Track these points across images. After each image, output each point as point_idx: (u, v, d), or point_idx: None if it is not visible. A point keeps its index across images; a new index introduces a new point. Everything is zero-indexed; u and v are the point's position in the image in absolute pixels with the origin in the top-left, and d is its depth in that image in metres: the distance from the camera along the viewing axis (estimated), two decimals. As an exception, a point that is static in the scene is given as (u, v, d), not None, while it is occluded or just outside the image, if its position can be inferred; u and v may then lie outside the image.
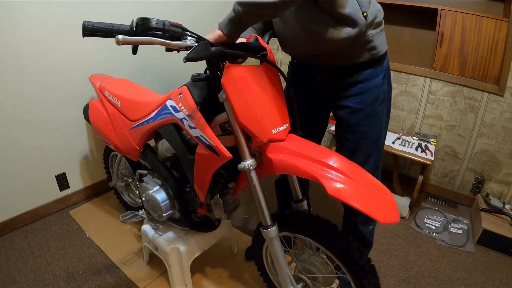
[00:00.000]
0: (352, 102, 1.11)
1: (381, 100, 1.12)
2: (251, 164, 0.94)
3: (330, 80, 1.13)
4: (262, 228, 1.00)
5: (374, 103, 1.11)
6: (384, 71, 1.11)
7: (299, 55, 1.20)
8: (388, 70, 1.14)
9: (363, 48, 1.03)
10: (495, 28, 1.82)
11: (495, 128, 1.95)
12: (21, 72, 1.59)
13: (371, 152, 1.16)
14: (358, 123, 1.13)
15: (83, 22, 0.79)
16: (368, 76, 1.08)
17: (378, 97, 1.11)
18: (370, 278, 0.96)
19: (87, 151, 2.01)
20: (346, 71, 1.09)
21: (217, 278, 1.51)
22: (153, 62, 2.15)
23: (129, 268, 1.54)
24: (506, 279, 1.58)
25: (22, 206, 1.79)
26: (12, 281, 1.44)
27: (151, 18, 0.80)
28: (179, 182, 1.27)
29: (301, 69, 1.23)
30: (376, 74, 1.09)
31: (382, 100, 1.13)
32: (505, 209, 1.88)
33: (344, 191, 0.81)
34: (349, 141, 1.16)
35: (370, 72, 1.08)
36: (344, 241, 0.98)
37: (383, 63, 1.11)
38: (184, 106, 1.03)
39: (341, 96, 1.13)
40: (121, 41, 0.74)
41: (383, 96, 1.12)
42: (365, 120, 1.12)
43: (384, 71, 1.11)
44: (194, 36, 0.88)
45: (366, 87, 1.09)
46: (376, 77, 1.09)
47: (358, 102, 1.10)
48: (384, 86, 1.12)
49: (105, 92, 1.49)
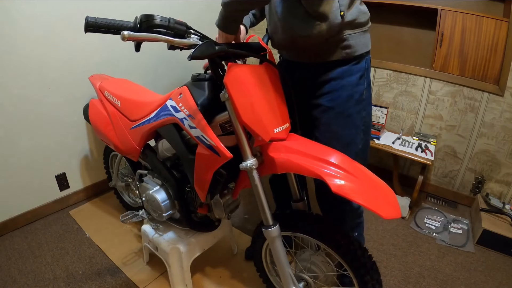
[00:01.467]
0: (324, 100, 1.08)
1: (356, 101, 1.07)
2: (253, 163, 0.94)
3: (308, 78, 1.11)
4: (264, 228, 1.00)
5: (347, 103, 1.06)
6: (362, 71, 1.07)
7: (278, 47, 1.18)
8: (367, 71, 1.09)
9: (337, 46, 1.01)
10: (495, 28, 1.82)
11: (495, 128, 1.96)
12: (21, 72, 1.59)
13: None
14: (329, 122, 1.09)
15: (85, 17, 0.79)
16: (341, 73, 1.05)
17: (351, 97, 1.06)
18: (372, 275, 0.97)
19: (87, 151, 2.01)
20: (322, 68, 1.07)
21: (217, 278, 1.51)
22: (154, 62, 2.15)
23: (129, 268, 1.54)
24: (506, 279, 1.58)
25: (22, 206, 1.79)
26: (12, 281, 1.44)
27: (155, 15, 0.80)
28: (179, 182, 1.27)
29: (285, 67, 1.22)
30: (350, 72, 1.05)
31: (358, 101, 1.08)
32: (505, 209, 1.88)
33: (348, 187, 0.81)
34: (319, 140, 1.10)
35: (343, 69, 1.05)
36: (346, 239, 0.98)
37: (361, 63, 1.07)
38: (184, 106, 1.03)
39: (315, 95, 1.11)
40: (126, 36, 0.73)
41: (359, 96, 1.07)
42: (336, 119, 1.08)
43: (362, 71, 1.07)
44: (198, 34, 0.88)
45: (338, 84, 1.05)
46: (350, 75, 1.05)
47: (330, 100, 1.07)
48: (361, 87, 1.08)
49: (105, 92, 1.49)
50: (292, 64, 1.16)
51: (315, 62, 1.08)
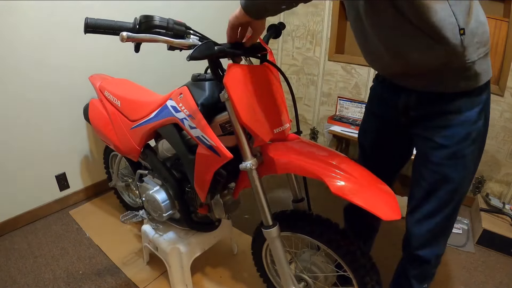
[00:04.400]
0: (437, 136, 0.93)
1: (472, 140, 0.91)
2: (253, 164, 0.94)
3: (415, 104, 0.95)
4: (264, 228, 1.00)
5: (463, 142, 0.91)
6: (482, 103, 0.89)
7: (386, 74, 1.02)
8: (487, 104, 0.92)
9: (458, 74, 0.84)
10: (495, 28, 1.82)
11: (495, 128, 1.96)
12: (21, 72, 1.59)
13: (449, 200, 0.96)
14: (441, 163, 0.94)
15: (85, 18, 0.79)
16: (459, 107, 0.88)
17: (469, 135, 0.90)
18: (372, 275, 0.97)
19: (87, 151, 2.01)
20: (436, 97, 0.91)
21: (217, 278, 1.51)
22: (154, 62, 2.15)
23: (129, 268, 1.54)
24: (506, 279, 1.58)
25: (22, 206, 1.79)
26: (12, 281, 1.44)
27: (155, 16, 0.80)
28: (180, 182, 1.26)
29: (387, 85, 1.04)
30: (471, 105, 0.88)
31: (474, 140, 0.92)
32: (505, 209, 1.88)
33: (347, 189, 0.81)
34: (425, 180, 0.98)
35: (463, 102, 0.88)
36: (345, 239, 0.98)
37: (483, 94, 0.89)
38: (184, 106, 1.03)
39: (424, 126, 0.95)
40: (125, 38, 0.73)
41: (476, 135, 0.91)
42: (449, 160, 0.93)
43: (482, 103, 0.89)
44: (197, 35, 0.88)
45: (456, 120, 0.89)
46: (470, 109, 0.88)
47: (444, 137, 0.91)
48: (479, 124, 0.90)
49: (105, 92, 1.49)
50: (397, 88, 0.98)
51: (428, 91, 0.91)
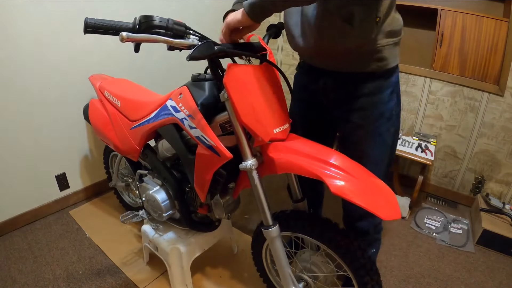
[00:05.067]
0: (354, 117, 1.03)
1: (387, 118, 1.03)
2: (252, 164, 0.94)
3: (333, 87, 1.05)
4: (264, 228, 1.00)
5: (378, 120, 1.02)
6: (392, 86, 1.02)
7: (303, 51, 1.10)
8: (397, 86, 1.05)
9: (370, 56, 0.95)
10: (495, 28, 1.82)
11: (495, 128, 1.96)
12: (21, 72, 1.59)
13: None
14: (359, 141, 1.05)
15: (85, 18, 0.79)
16: (372, 89, 1.00)
17: (383, 114, 1.01)
18: (372, 276, 0.97)
19: (87, 151, 2.01)
20: (350, 80, 1.01)
21: (217, 278, 1.51)
22: (153, 62, 2.15)
23: (129, 268, 1.54)
24: (506, 279, 1.58)
25: (22, 206, 1.79)
26: (12, 281, 1.44)
27: (154, 16, 0.80)
28: (179, 182, 1.26)
29: (307, 71, 1.16)
30: (381, 88, 1.00)
31: (388, 118, 1.03)
32: (505, 209, 1.88)
33: (347, 188, 0.81)
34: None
35: (374, 85, 0.99)
36: (345, 239, 0.98)
37: (392, 77, 1.01)
38: (184, 106, 1.03)
39: (343, 108, 1.06)
40: (125, 38, 0.73)
41: (389, 113, 1.03)
42: (366, 139, 1.04)
43: (392, 86, 1.02)
44: (197, 35, 0.88)
45: (369, 101, 1.00)
46: (381, 92, 1.00)
47: (360, 118, 1.02)
48: (391, 103, 1.03)
49: (105, 92, 1.49)
50: (316, 70, 1.08)
51: (344, 72, 1.01)
